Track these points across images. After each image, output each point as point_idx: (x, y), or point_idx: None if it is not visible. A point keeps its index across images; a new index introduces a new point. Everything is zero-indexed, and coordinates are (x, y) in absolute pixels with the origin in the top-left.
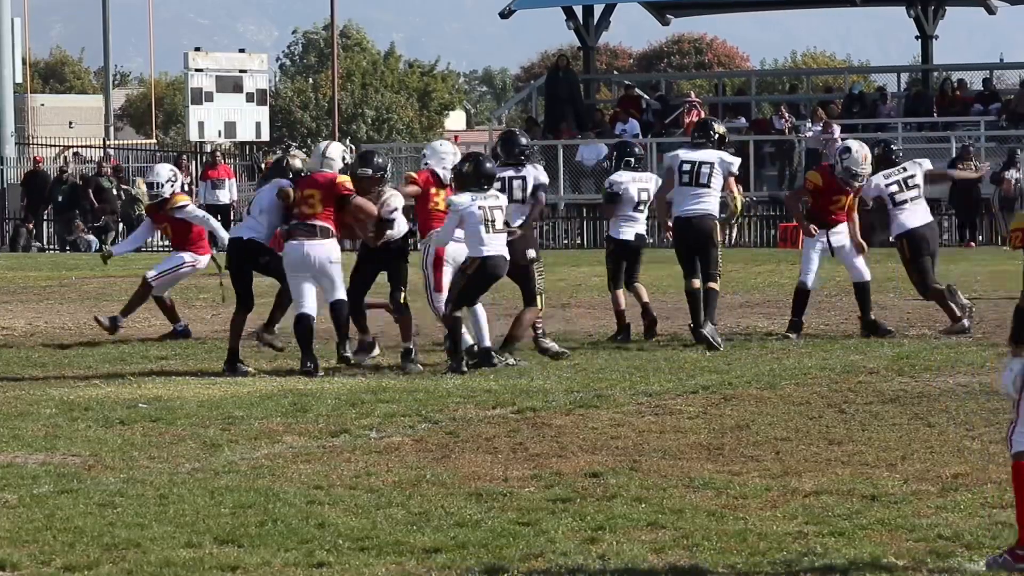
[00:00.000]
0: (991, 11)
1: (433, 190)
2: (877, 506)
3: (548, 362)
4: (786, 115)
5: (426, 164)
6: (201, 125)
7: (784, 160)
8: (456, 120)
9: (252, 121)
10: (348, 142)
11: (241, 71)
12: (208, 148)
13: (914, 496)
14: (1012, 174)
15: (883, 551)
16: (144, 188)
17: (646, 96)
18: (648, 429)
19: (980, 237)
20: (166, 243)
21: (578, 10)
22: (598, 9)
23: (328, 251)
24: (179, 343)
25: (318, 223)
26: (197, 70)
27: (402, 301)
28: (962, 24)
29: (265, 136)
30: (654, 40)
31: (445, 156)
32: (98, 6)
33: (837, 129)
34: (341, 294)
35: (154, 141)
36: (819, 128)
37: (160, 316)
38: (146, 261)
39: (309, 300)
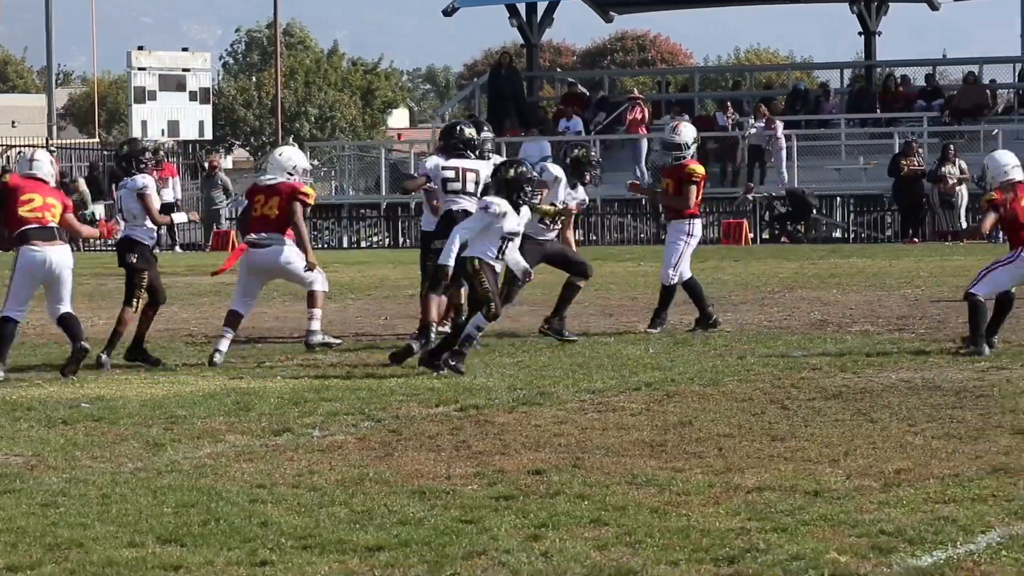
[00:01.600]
0: (934, 7)
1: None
2: (820, 502)
3: (491, 360)
4: (730, 112)
5: (288, 178)
6: (144, 124)
7: (727, 157)
8: (399, 118)
9: (195, 120)
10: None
11: (184, 70)
12: (151, 147)
13: (856, 492)
14: (948, 169)
15: (825, 547)
16: (86, 190)
17: (587, 92)
18: (591, 426)
19: (924, 232)
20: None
21: (521, 8)
22: (541, 6)
23: (68, 255)
24: (123, 343)
25: (56, 225)
26: (140, 69)
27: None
28: (905, 20)
29: (208, 135)
30: (597, 37)
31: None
32: (41, 5)
33: (780, 126)
34: (68, 306)
35: (97, 140)
36: (762, 125)
37: (104, 316)
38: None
39: (25, 304)
